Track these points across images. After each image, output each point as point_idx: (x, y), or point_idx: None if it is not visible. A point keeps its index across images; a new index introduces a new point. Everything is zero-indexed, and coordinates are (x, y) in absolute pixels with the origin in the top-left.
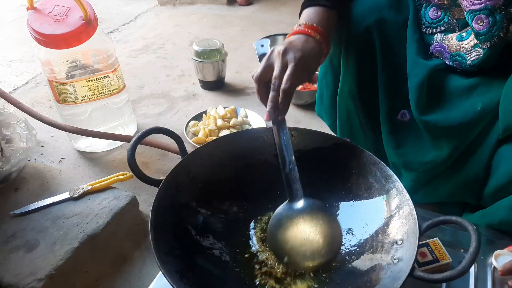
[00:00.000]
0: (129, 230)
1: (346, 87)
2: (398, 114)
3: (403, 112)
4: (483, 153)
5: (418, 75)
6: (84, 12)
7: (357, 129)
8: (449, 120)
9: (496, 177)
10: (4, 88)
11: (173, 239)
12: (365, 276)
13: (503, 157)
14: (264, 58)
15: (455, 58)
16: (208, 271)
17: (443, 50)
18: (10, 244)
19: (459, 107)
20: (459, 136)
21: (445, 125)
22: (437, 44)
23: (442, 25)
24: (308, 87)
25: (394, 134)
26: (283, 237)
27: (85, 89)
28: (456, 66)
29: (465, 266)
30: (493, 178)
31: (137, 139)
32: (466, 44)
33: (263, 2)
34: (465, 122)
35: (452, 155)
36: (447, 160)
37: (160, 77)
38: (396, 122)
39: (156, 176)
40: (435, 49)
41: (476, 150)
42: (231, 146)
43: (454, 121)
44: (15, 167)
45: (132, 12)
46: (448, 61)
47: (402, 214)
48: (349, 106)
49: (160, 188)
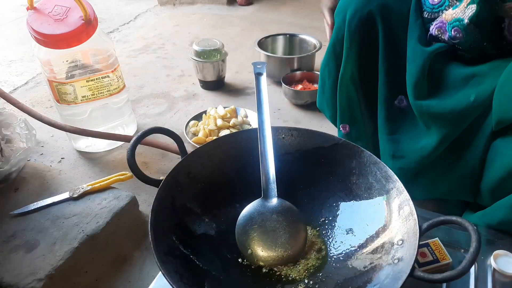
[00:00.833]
0: (129, 230)
1: (348, 72)
2: (395, 99)
3: (400, 98)
4: (477, 146)
5: (417, 61)
6: (84, 12)
7: (357, 116)
8: (441, 106)
9: (492, 171)
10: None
11: (173, 239)
12: (365, 276)
13: (498, 150)
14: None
15: (453, 25)
16: (208, 271)
17: (442, 24)
18: (10, 244)
19: (454, 96)
20: (449, 125)
21: (436, 111)
22: (437, 21)
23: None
24: (308, 87)
25: (390, 120)
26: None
27: (85, 89)
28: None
29: (465, 266)
30: (489, 172)
31: (137, 139)
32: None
33: (263, 2)
34: (457, 110)
35: (441, 145)
36: (436, 149)
37: (160, 77)
38: (393, 108)
39: (156, 176)
40: (435, 27)
41: (471, 142)
42: (231, 146)
43: (446, 107)
44: (15, 167)
45: (132, 12)
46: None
47: (402, 214)
48: (350, 92)
49: (160, 188)
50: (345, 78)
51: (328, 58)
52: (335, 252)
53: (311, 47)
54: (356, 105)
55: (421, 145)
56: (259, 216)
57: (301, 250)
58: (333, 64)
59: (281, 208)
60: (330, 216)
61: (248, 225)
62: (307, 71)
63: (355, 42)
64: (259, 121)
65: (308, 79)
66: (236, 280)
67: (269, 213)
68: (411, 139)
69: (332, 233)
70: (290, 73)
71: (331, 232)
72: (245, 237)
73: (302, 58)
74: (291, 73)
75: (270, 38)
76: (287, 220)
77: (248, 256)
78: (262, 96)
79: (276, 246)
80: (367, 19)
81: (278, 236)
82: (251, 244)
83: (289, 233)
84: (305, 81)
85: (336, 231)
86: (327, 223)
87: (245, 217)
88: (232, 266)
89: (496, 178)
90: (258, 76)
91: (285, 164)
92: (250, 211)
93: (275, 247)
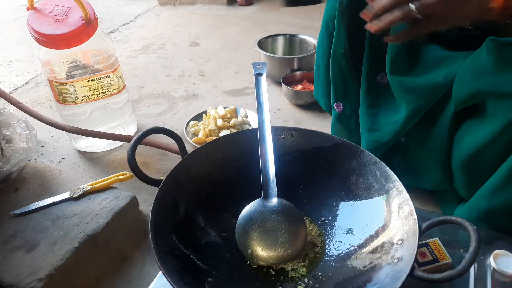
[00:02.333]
0: (129, 230)
1: (339, 47)
2: (378, 75)
3: (382, 74)
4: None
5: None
6: (84, 12)
7: (350, 92)
8: (413, 82)
9: (460, 149)
10: (4, 88)
11: (173, 239)
12: (365, 276)
13: (466, 131)
14: None
15: None
16: (208, 271)
17: None
18: (10, 244)
19: (426, 75)
20: (418, 100)
21: (407, 85)
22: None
23: None
24: (308, 87)
25: (371, 94)
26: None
27: (85, 89)
28: None
29: (465, 266)
30: (457, 151)
31: (137, 139)
32: None
33: (263, 2)
34: (426, 86)
35: (410, 119)
36: (406, 123)
37: (160, 77)
38: (375, 83)
39: (156, 176)
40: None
41: (439, 119)
42: (231, 146)
43: (416, 83)
44: (15, 167)
45: (132, 12)
46: None
47: (402, 214)
48: (342, 67)
49: (160, 188)
50: (337, 54)
51: (322, 37)
52: (335, 251)
53: (311, 47)
54: (349, 81)
55: (394, 119)
56: (259, 216)
57: (301, 250)
58: (326, 43)
59: (281, 208)
60: (330, 216)
61: (248, 224)
62: (307, 71)
63: (346, 18)
64: (259, 121)
65: (308, 79)
66: (236, 279)
67: (269, 213)
68: (387, 113)
69: (332, 233)
70: (290, 73)
71: (331, 231)
72: (245, 237)
73: (302, 58)
74: (291, 73)
75: (270, 38)
76: (287, 219)
77: (248, 256)
78: (262, 96)
79: (276, 246)
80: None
81: (278, 236)
82: (251, 243)
83: (289, 233)
84: (305, 81)
85: (336, 230)
86: (327, 222)
87: (245, 217)
88: (232, 266)
89: (464, 157)
90: (258, 76)
91: (285, 164)
92: (250, 211)
93: (275, 246)
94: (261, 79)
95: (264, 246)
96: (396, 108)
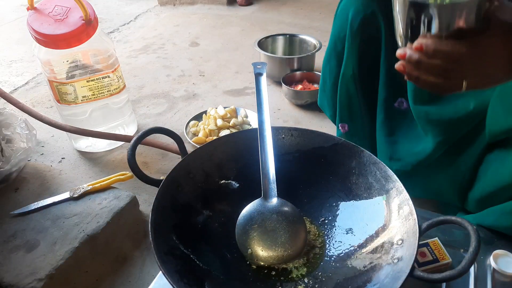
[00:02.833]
0: (129, 230)
1: (349, 70)
2: (395, 101)
3: (400, 100)
4: (472, 154)
5: None
6: (84, 12)
7: (357, 115)
8: (441, 113)
9: (483, 183)
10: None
11: (173, 239)
12: (365, 276)
13: (492, 165)
14: None
15: None
16: (208, 271)
17: None
18: (10, 244)
19: (453, 103)
20: (447, 132)
21: (435, 118)
22: None
23: None
24: (308, 87)
25: (389, 121)
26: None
27: (85, 89)
28: None
29: (465, 266)
30: (480, 184)
31: (137, 139)
32: None
33: (263, 2)
34: (455, 119)
35: (437, 150)
36: (432, 155)
37: (160, 77)
38: (392, 110)
39: (156, 176)
40: None
41: (466, 150)
42: (231, 146)
43: (445, 115)
44: (15, 167)
45: (132, 12)
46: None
47: (402, 214)
48: (350, 90)
49: (160, 188)
50: (346, 76)
51: (329, 56)
52: (335, 251)
53: (311, 47)
54: (356, 103)
55: (418, 149)
56: (259, 216)
57: (301, 250)
58: (334, 62)
59: (281, 208)
60: (330, 216)
61: (248, 225)
62: (307, 71)
63: (357, 41)
64: (259, 121)
65: (308, 79)
66: (236, 279)
67: (269, 213)
68: (409, 142)
69: (332, 233)
70: (290, 73)
71: (331, 231)
72: (245, 237)
73: (302, 58)
74: (291, 73)
75: (270, 38)
76: (287, 219)
77: (248, 256)
78: (262, 96)
79: (276, 246)
80: (370, 18)
81: (278, 236)
82: (251, 243)
83: (289, 233)
84: (305, 81)
85: (336, 230)
86: (327, 222)
87: (245, 217)
88: (232, 266)
89: (486, 192)
90: (258, 76)
91: (285, 164)
92: (250, 211)
93: (275, 246)
94: (261, 79)
95: (264, 246)
96: (417, 136)
